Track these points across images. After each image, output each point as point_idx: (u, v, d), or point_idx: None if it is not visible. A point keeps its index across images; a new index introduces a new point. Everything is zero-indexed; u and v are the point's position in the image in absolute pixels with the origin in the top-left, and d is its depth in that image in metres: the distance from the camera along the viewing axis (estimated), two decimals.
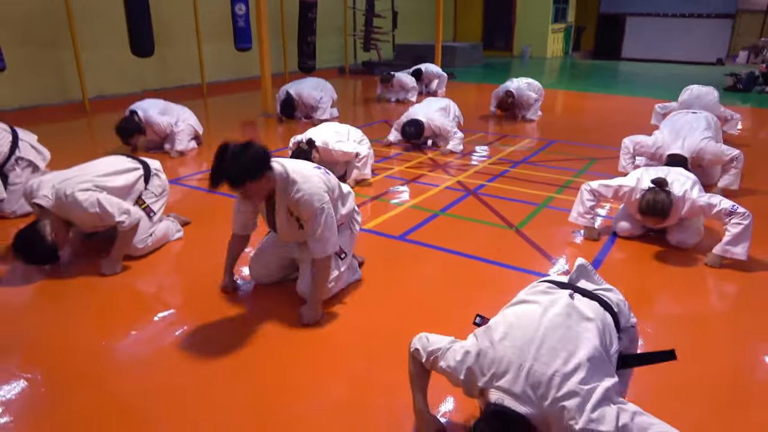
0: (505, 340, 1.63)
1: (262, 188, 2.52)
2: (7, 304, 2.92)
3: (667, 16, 19.46)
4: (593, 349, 1.58)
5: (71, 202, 2.98)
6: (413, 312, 2.84)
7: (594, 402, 1.47)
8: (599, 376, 1.54)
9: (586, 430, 1.44)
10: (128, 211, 3.11)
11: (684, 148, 4.45)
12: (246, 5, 9.43)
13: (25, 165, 4.13)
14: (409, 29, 15.96)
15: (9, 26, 7.38)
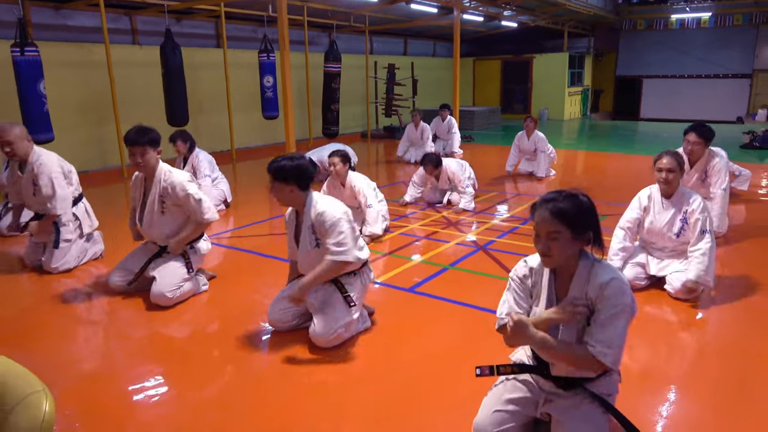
0: None
1: (286, 194, 3.10)
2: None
3: (683, 77, 19.89)
4: None
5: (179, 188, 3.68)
6: (422, 361, 3.00)
7: None
8: None
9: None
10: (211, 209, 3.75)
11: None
12: (274, 77, 10.13)
13: (77, 225, 4.49)
14: (429, 95, 16.69)
15: (64, 110, 8.16)
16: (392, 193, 7.33)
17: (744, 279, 4.11)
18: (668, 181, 3.68)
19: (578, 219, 1.90)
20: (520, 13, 15.20)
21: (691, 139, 4.76)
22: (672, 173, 3.66)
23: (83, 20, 8.82)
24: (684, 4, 18.46)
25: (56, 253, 4.30)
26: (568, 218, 1.89)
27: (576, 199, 1.93)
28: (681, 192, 3.76)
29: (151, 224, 3.72)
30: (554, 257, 1.94)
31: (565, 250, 1.92)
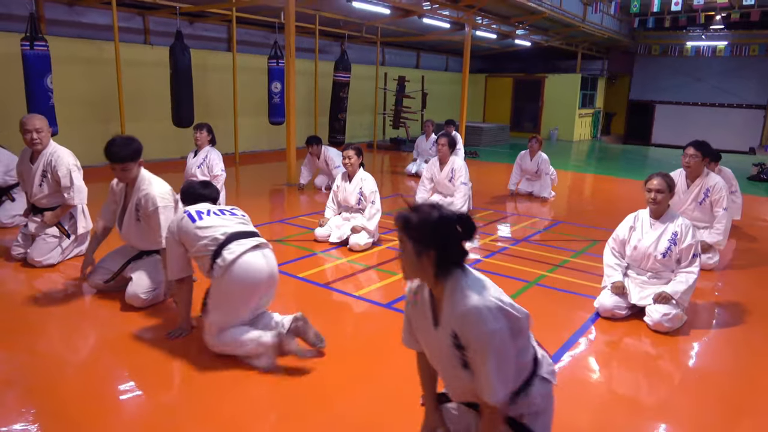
0: None
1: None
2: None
3: (696, 104, 19.78)
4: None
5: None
6: (393, 378, 2.97)
7: None
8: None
9: None
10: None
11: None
12: (281, 83, 10.20)
13: (72, 224, 4.54)
14: (438, 109, 16.73)
15: (70, 105, 8.26)
16: (392, 205, 7.32)
17: (728, 309, 4.05)
18: (657, 201, 3.73)
19: (419, 232, 1.73)
20: (534, 33, 15.22)
21: (689, 152, 4.93)
22: (661, 194, 3.69)
23: (96, 18, 8.96)
24: (700, 32, 18.40)
25: (42, 246, 4.33)
26: (409, 229, 1.73)
27: (426, 210, 1.75)
28: (669, 214, 3.79)
29: (128, 229, 3.72)
30: (404, 270, 1.82)
31: (411, 265, 1.78)
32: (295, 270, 4.61)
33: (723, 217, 4.96)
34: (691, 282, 3.63)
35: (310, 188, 8.24)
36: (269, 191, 8.14)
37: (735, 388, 3.01)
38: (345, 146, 5.48)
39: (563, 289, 4.39)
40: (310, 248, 5.24)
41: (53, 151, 4.35)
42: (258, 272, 2.89)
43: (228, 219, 3.06)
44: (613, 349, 3.46)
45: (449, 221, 1.75)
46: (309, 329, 3.09)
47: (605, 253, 4.04)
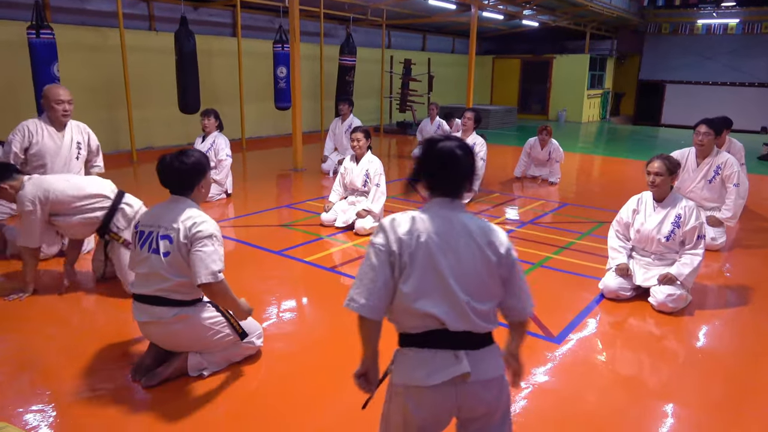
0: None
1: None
2: None
3: (707, 84, 19.50)
4: None
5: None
6: None
7: None
8: None
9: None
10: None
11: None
12: (287, 68, 10.17)
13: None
14: (446, 92, 16.62)
15: (77, 92, 8.21)
16: (398, 188, 7.32)
17: (733, 289, 4.05)
18: (656, 185, 3.71)
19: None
20: (541, 13, 15.02)
21: (701, 130, 4.88)
22: (659, 177, 3.68)
23: (100, 4, 8.95)
24: (711, 9, 18.07)
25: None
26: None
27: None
28: (672, 197, 3.78)
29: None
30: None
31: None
32: (301, 254, 4.65)
33: (733, 192, 4.94)
34: (696, 264, 3.63)
35: (318, 173, 8.25)
36: (276, 176, 8.17)
37: (739, 368, 3.02)
38: (353, 129, 5.49)
39: (568, 270, 4.40)
40: (316, 233, 5.28)
41: (77, 123, 4.42)
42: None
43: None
44: (617, 329, 3.49)
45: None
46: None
47: (609, 236, 4.05)
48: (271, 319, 3.46)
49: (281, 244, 4.91)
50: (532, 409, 2.60)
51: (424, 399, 1.69)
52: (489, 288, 1.71)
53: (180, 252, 2.55)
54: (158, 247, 2.56)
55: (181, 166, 2.60)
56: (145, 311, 2.64)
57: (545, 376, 2.87)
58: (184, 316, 2.63)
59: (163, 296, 2.60)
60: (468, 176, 1.75)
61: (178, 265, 2.57)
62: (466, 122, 6.63)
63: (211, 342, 2.73)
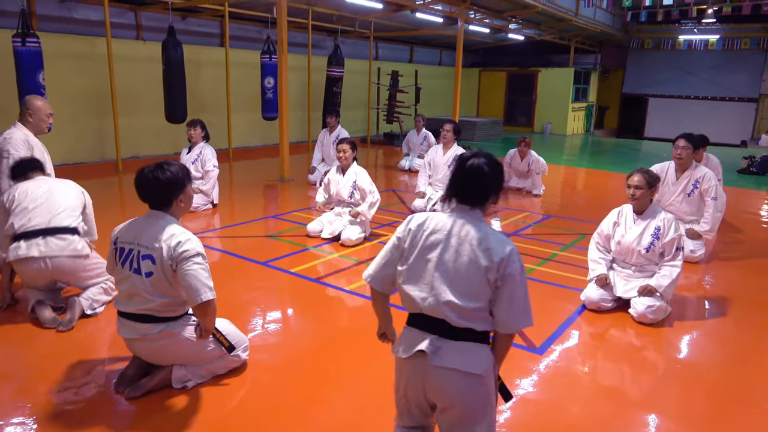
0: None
1: None
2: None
3: (689, 98, 19.88)
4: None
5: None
6: (389, 367, 3.04)
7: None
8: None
9: None
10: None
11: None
12: (275, 79, 10.21)
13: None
14: (432, 103, 16.78)
15: (63, 101, 8.25)
16: (386, 199, 7.36)
17: (713, 301, 4.13)
18: (636, 198, 3.80)
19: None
20: (526, 27, 15.26)
21: (680, 144, 5.01)
22: (639, 190, 3.77)
23: (88, 13, 8.93)
24: (692, 25, 18.47)
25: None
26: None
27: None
28: (652, 209, 3.87)
29: None
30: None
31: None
32: (287, 265, 4.66)
33: (711, 206, 5.04)
34: (675, 275, 3.71)
35: (305, 183, 8.27)
36: (262, 186, 8.18)
37: (720, 379, 3.08)
38: (340, 140, 5.53)
39: (551, 282, 4.46)
40: (302, 243, 5.29)
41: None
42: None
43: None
44: (599, 340, 3.54)
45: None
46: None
47: (590, 248, 4.13)
48: (256, 331, 3.46)
49: (267, 254, 4.91)
50: (515, 420, 2.63)
51: (403, 370, 1.98)
52: (474, 289, 1.86)
53: (164, 272, 2.51)
54: (140, 267, 2.53)
55: (156, 180, 2.52)
56: (130, 328, 2.63)
57: (527, 386, 2.91)
58: (170, 333, 2.61)
59: (148, 314, 2.58)
60: (489, 189, 1.97)
61: (161, 286, 2.54)
62: (446, 134, 6.70)
63: (197, 356, 2.73)
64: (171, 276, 2.52)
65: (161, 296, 2.55)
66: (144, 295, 2.54)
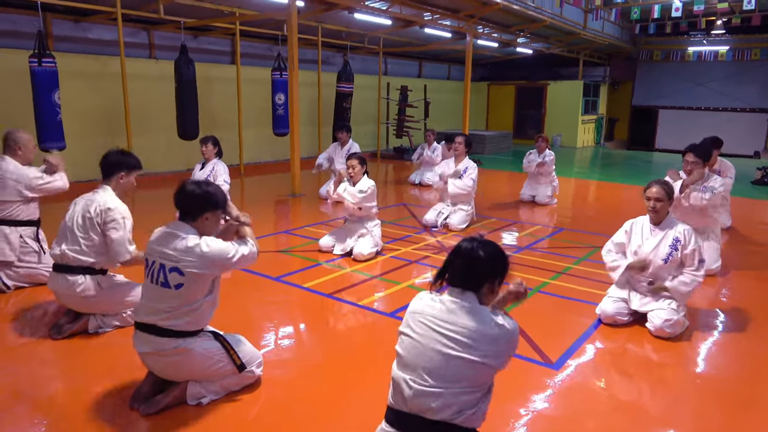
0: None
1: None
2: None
3: (700, 109, 19.78)
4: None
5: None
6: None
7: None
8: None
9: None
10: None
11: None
12: (285, 95, 10.31)
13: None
14: (441, 118, 16.83)
15: (77, 119, 8.39)
16: (396, 213, 7.38)
17: (730, 314, 4.07)
18: (656, 210, 3.76)
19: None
20: (535, 41, 15.31)
21: (689, 159, 4.85)
22: (660, 202, 3.73)
23: (102, 33, 9.10)
24: (701, 36, 18.44)
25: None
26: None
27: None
28: (669, 220, 3.83)
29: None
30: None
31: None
32: (299, 280, 4.66)
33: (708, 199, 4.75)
34: (694, 284, 3.69)
35: (316, 198, 8.30)
36: (274, 202, 8.22)
37: (738, 394, 3.03)
38: (349, 155, 5.55)
39: (566, 296, 4.42)
40: (314, 258, 5.30)
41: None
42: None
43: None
44: (615, 355, 3.49)
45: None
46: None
47: (604, 255, 4.03)
48: (270, 346, 3.46)
49: (279, 269, 4.92)
50: None
51: None
52: (457, 376, 1.90)
53: (198, 281, 2.59)
54: (167, 280, 2.57)
55: (192, 190, 2.65)
56: (146, 341, 2.64)
57: (543, 402, 2.87)
58: (184, 350, 2.62)
59: (165, 327, 2.60)
60: (483, 275, 2.00)
61: (191, 294, 2.59)
62: (458, 147, 6.73)
63: (210, 372, 2.73)
64: (208, 280, 2.64)
65: (189, 304, 2.59)
66: (166, 307, 2.58)
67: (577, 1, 12.30)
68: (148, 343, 2.64)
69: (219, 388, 2.79)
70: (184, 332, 2.63)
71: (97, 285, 3.44)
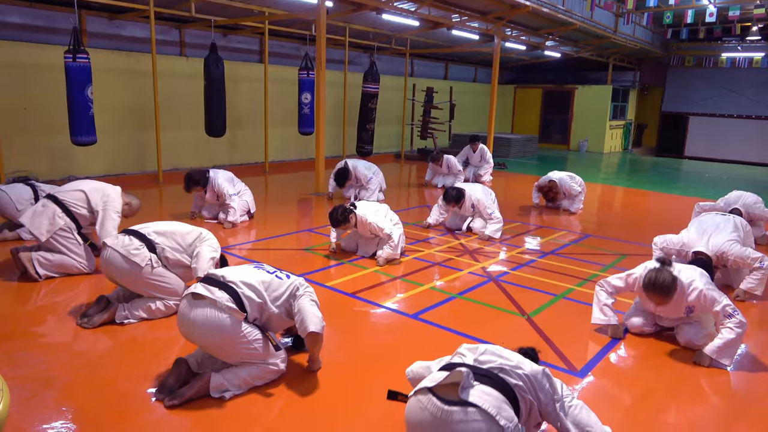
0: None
1: None
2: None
3: (732, 117, 19.32)
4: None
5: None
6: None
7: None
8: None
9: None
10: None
11: (709, 247, 4.47)
12: (312, 94, 10.36)
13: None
14: (466, 120, 16.75)
15: (109, 114, 8.56)
16: (419, 215, 7.36)
17: (761, 328, 3.95)
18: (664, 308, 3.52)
19: None
20: (563, 44, 15.13)
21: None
22: (664, 305, 3.47)
23: (135, 31, 9.27)
24: (735, 43, 18.00)
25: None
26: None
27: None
28: (680, 288, 3.42)
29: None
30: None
31: None
32: (322, 279, 4.68)
33: (759, 271, 4.42)
34: (730, 339, 3.28)
35: (338, 197, 8.33)
36: (297, 200, 8.27)
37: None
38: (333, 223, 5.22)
39: (592, 303, 4.33)
40: (337, 257, 5.31)
41: None
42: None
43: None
44: (641, 365, 3.42)
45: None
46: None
47: (597, 292, 3.82)
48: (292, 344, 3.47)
49: (302, 268, 4.94)
50: None
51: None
52: None
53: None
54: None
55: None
56: (206, 289, 2.80)
57: None
58: (236, 312, 2.75)
59: (238, 292, 2.82)
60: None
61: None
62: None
63: (238, 351, 2.79)
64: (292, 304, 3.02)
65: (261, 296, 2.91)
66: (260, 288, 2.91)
67: (608, 5, 12.12)
68: (207, 289, 2.80)
69: (242, 382, 2.81)
70: (241, 308, 2.82)
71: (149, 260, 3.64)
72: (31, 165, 8.02)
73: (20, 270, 4.35)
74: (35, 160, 8.09)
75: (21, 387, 2.80)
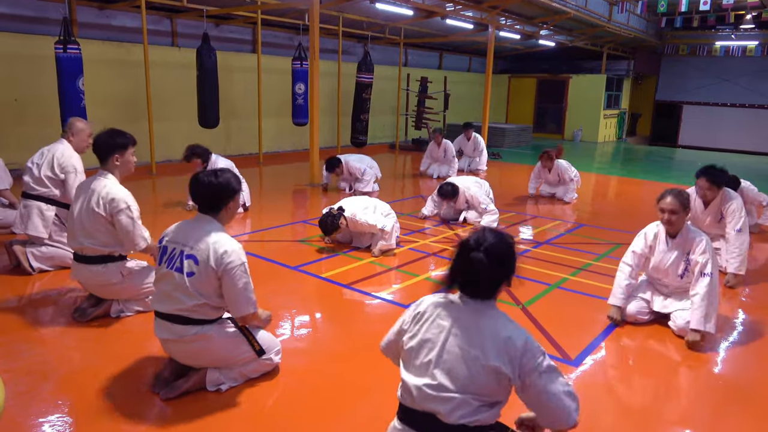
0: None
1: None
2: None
3: (726, 105, 19.36)
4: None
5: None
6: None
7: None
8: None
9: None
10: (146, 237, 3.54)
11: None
12: (305, 85, 10.31)
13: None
14: (461, 110, 16.72)
15: (100, 105, 8.48)
16: (414, 205, 7.36)
17: (752, 316, 3.99)
18: (671, 222, 3.55)
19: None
20: (558, 33, 15.09)
21: (702, 185, 4.64)
22: (675, 214, 3.51)
23: (125, 20, 9.18)
24: (729, 31, 18.00)
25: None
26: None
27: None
28: (687, 231, 3.60)
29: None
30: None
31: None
32: (317, 270, 4.68)
33: (733, 239, 4.59)
34: (706, 305, 3.38)
35: (333, 189, 8.31)
36: (292, 191, 8.25)
37: (760, 397, 2.97)
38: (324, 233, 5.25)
39: (586, 292, 4.37)
40: (332, 248, 5.31)
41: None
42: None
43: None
44: (635, 354, 3.45)
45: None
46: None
47: (620, 270, 3.84)
48: (287, 335, 3.48)
49: (297, 259, 4.94)
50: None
51: None
52: (472, 380, 1.80)
53: (206, 275, 2.56)
54: (182, 266, 2.58)
55: (209, 185, 2.64)
56: (166, 329, 2.67)
57: None
58: (204, 336, 2.65)
59: (184, 315, 2.62)
60: (494, 282, 1.88)
61: (201, 287, 2.58)
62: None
63: (230, 359, 2.76)
64: (214, 280, 2.58)
65: (198, 297, 2.59)
66: (180, 296, 2.58)
67: None
68: (167, 330, 2.67)
69: (238, 375, 2.81)
70: (201, 320, 2.65)
71: (119, 272, 3.48)
72: (22, 157, 7.93)
73: (13, 263, 4.33)
74: (27, 152, 7.99)
75: (16, 380, 2.80)
